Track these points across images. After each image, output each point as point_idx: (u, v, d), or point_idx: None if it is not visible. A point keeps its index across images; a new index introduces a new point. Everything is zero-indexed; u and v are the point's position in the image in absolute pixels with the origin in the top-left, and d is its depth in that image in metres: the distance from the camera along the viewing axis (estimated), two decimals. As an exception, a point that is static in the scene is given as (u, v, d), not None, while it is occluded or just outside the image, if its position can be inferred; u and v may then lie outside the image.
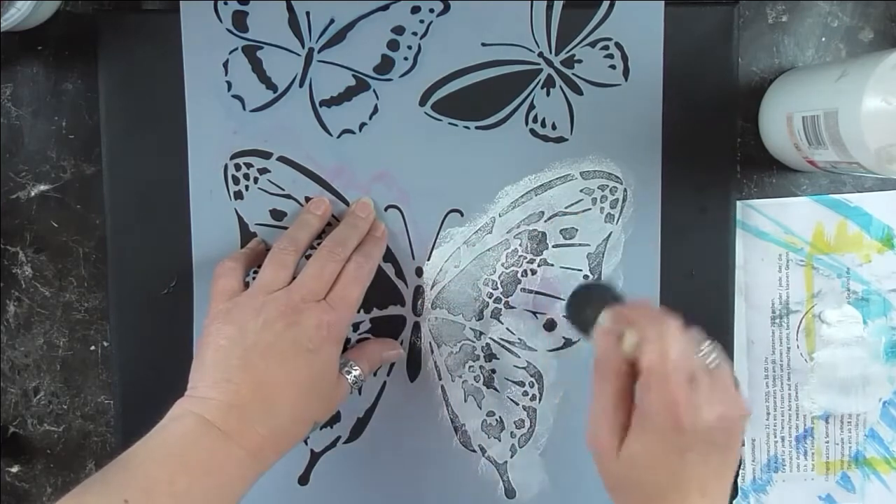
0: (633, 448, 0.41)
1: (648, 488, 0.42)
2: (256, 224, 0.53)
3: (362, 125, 0.53)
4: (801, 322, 0.55)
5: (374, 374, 0.54)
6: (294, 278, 0.48)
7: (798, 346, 0.56)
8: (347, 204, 0.53)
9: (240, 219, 0.53)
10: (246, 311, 0.47)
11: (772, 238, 0.55)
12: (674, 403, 0.40)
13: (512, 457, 0.55)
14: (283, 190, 0.53)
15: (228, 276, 0.49)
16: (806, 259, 0.55)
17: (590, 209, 0.54)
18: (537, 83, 0.53)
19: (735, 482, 0.56)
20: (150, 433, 0.44)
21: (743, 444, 0.56)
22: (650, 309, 0.44)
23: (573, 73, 0.53)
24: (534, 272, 0.54)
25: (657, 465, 0.41)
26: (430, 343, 0.54)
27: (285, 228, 0.52)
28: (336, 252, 0.49)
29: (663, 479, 0.41)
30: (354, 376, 0.50)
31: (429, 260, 0.54)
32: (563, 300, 0.54)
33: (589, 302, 0.47)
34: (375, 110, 0.53)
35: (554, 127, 0.53)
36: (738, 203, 0.54)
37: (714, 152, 0.53)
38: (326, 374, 0.48)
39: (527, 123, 0.53)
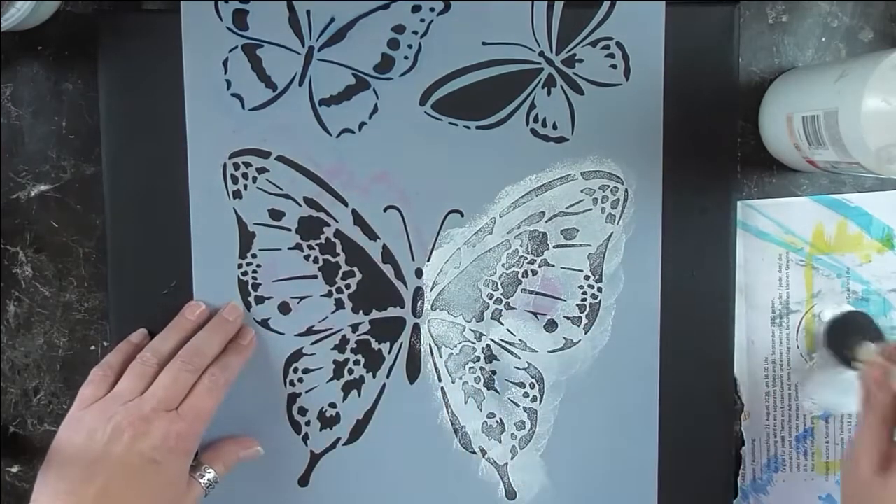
0: None
1: None
2: (255, 223, 0.53)
3: (362, 124, 0.53)
4: (801, 322, 0.55)
5: (374, 377, 0.54)
6: None
7: (798, 346, 0.55)
8: (346, 204, 0.53)
9: (238, 218, 0.53)
10: (97, 420, 0.47)
11: (772, 238, 0.55)
12: None
13: (512, 458, 0.55)
14: (281, 190, 0.53)
15: (94, 385, 0.49)
16: (806, 259, 0.55)
17: (591, 209, 0.54)
18: (538, 83, 0.53)
19: (735, 482, 0.56)
20: None
21: (743, 444, 0.56)
22: None
23: (574, 73, 0.53)
24: (534, 273, 0.54)
25: None
26: (430, 345, 0.54)
27: (284, 228, 0.52)
28: (191, 362, 0.49)
29: None
30: (208, 479, 0.50)
31: (428, 261, 0.54)
32: (564, 301, 0.54)
33: (850, 332, 0.51)
34: (375, 109, 0.53)
35: (555, 127, 0.53)
36: (739, 203, 0.54)
37: (714, 152, 0.53)
38: (173, 485, 0.47)
39: (527, 123, 0.53)
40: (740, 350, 0.55)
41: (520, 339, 0.54)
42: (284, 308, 0.54)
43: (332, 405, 0.54)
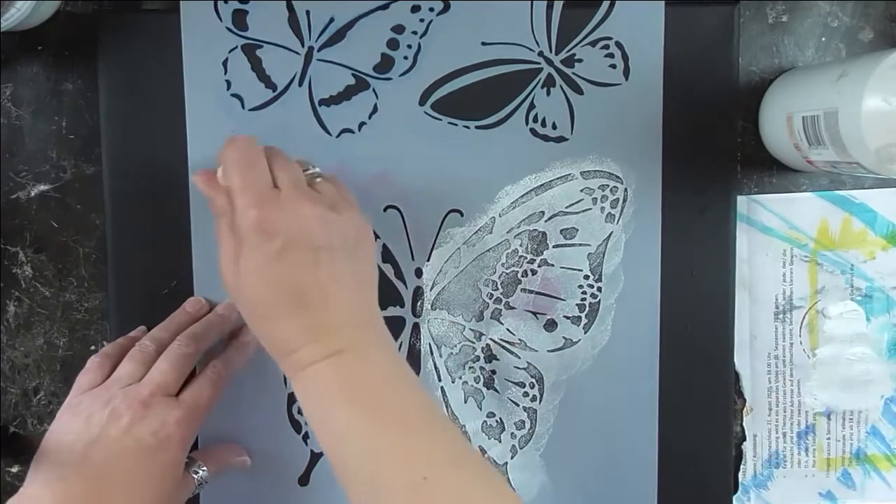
0: (243, 268, 0.42)
1: (273, 305, 0.43)
2: (256, 224, 0.53)
3: (361, 124, 0.53)
4: (804, 318, 0.55)
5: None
6: None
7: (801, 342, 0.56)
8: (347, 204, 0.53)
9: (239, 218, 0.53)
10: (95, 403, 0.47)
11: (776, 233, 0.55)
12: (257, 213, 0.42)
13: (512, 458, 0.55)
14: (282, 190, 0.53)
15: (92, 372, 0.49)
16: (810, 255, 0.55)
17: (590, 209, 0.54)
18: (537, 82, 0.53)
19: (735, 476, 0.56)
20: None
21: (745, 439, 0.56)
22: (234, 138, 0.45)
23: (573, 73, 0.53)
24: (534, 272, 0.54)
25: (268, 279, 0.42)
26: (430, 344, 0.54)
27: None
28: (186, 346, 0.49)
29: (279, 291, 0.42)
30: (201, 476, 0.50)
31: (428, 261, 0.54)
32: (564, 300, 0.54)
33: None
34: (375, 109, 0.53)
35: (554, 126, 0.53)
36: (744, 198, 0.54)
37: (714, 152, 0.53)
38: (169, 471, 0.47)
39: (527, 123, 0.53)
40: (743, 345, 0.55)
41: (519, 339, 0.54)
42: (284, 308, 0.53)
43: (332, 405, 0.54)
